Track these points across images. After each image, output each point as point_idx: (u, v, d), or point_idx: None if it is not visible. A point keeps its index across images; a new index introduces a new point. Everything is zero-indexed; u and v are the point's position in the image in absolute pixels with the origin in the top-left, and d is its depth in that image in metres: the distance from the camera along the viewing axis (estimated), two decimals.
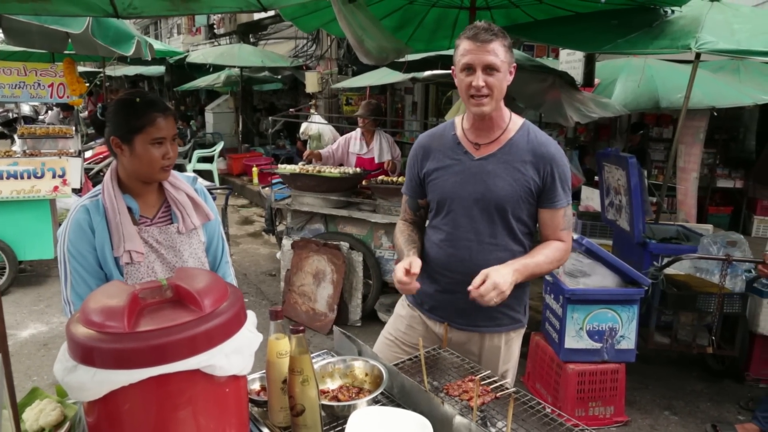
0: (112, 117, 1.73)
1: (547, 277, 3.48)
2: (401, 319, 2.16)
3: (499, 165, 1.89)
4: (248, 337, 1.24)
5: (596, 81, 6.00)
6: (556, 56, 7.03)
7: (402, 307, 2.19)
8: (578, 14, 4.15)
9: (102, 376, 1.07)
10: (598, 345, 3.23)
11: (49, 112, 13.30)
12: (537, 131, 1.94)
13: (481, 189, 1.89)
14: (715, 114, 5.85)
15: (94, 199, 1.75)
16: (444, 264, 1.97)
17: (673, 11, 3.84)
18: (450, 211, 1.95)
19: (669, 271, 3.73)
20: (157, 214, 1.83)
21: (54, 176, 4.82)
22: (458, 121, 2.03)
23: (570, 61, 5.95)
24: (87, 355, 1.09)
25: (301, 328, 1.34)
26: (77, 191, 5.47)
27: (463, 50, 1.81)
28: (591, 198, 5.77)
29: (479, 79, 1.78)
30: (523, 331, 2.10)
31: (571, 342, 3.23)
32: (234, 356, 1.18)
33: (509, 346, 2.04)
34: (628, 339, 3.24)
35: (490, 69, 1.77)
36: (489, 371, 1.88)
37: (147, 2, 2.13)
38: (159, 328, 1.10)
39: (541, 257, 1.89)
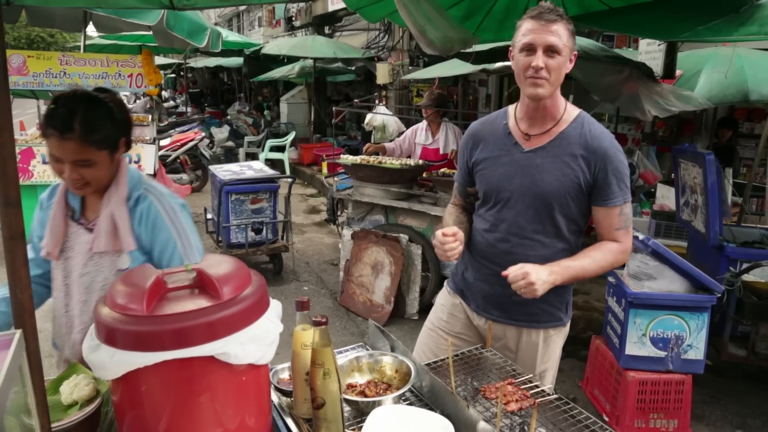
0: None
1: (610, 279, 3.31)
2: (443, 307, 2.14)
3: (548, 158, 1.81)
4: (267, 326, 1.23)
5: (678, 72, 5.63)
6: (638, 47, 6.65)
7: (443, 295, 2.17)
8: (657, 0, 3.88)
9: (120, 356, 1.10)
10: (662, 353, 3.03)
11: (138, 101, 14.09)
12: (593, 123, 1.84)
13: (527, 183, 1.82)
14: None
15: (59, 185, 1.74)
16: (485, 254, 1.93)
17: None
18: (496, 203, 1.90)
19: (748, 277, 3.45)
20: (94, 221, 1.72)
21: (130, 162, 5.08)
22: (511, 110, 1.96)
23: (650, 51, 5.61)
24: (108, 335, 1.12)
25: (324, 320, 1.32)
26: (151, 177, 5.75)
27: (525, 30, 1.74)
28: (666, 196, 5.44)
29: (539, 60, 1.71)
30: (564, 330, 2.01)
31: (633, 348, 3.05)
32: (250, 345, 1.17)
33: (548, 345, 1.97)
34: (696, 349, 3.02)
35: (551, 51, 1.71)
36: (530, 375, 1.80)
37: None
38: (174, 313, 1.11)
39: (587, 260, 1.79)
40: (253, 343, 1.18)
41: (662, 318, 2.98)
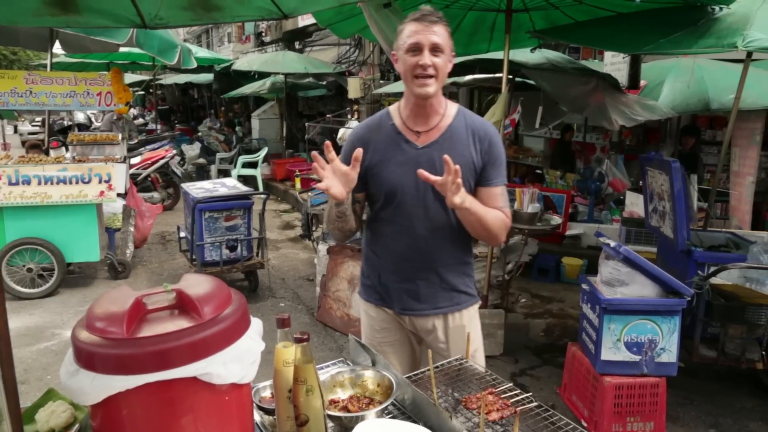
0: None
1: (584, 286, 3.37)
2: (371, 323, 2.14)
3: (443, 151, 1.86)
4: (249, 345, 1.23)
5: (643, 83, 5.80)
6: (603, 59, 6.83)
7: (366, 312, 2.16)
8: (620, 14, 4.01)
9: (100, 380, 1.08)
10: (636, 357, 3.09)
11: (104, 117, 13.86)
12: (472, 114, 2.00)
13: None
14: None
15: None
16: (401, 254, 1.98)
17: (721, 8, 3.67)
18: (401, 202, 1.94)
19: (716, 280, 3.55)
20: None
21: (100, 181, 5.00)
22: (394, 110, 2.01)
23: (615, 62, 5.78)
24: (87, 359, 1.11)
25: (306, 336, 1.32)
26: (122, 196, 5.66)
27: (409, 32, 1.82)
28: (635, 203, 5.57)
29: (426, 58, 1.79)
30: (477, 306, 2.11)
31: (608, 354, 3.11)
32: (233, 364, 1.16)
33: (472, 324, 2.06)
34: (669, 352, 3.08)
35: (436, 50, 1.80)
36: (510, 384, 1.82)
37: (172, 13, 2.19)
38: (155, 335, 1.10)
39: (488, 210, 1.89)
40: (236, 363, 1.17)
41: (636, 323, 3.04)
